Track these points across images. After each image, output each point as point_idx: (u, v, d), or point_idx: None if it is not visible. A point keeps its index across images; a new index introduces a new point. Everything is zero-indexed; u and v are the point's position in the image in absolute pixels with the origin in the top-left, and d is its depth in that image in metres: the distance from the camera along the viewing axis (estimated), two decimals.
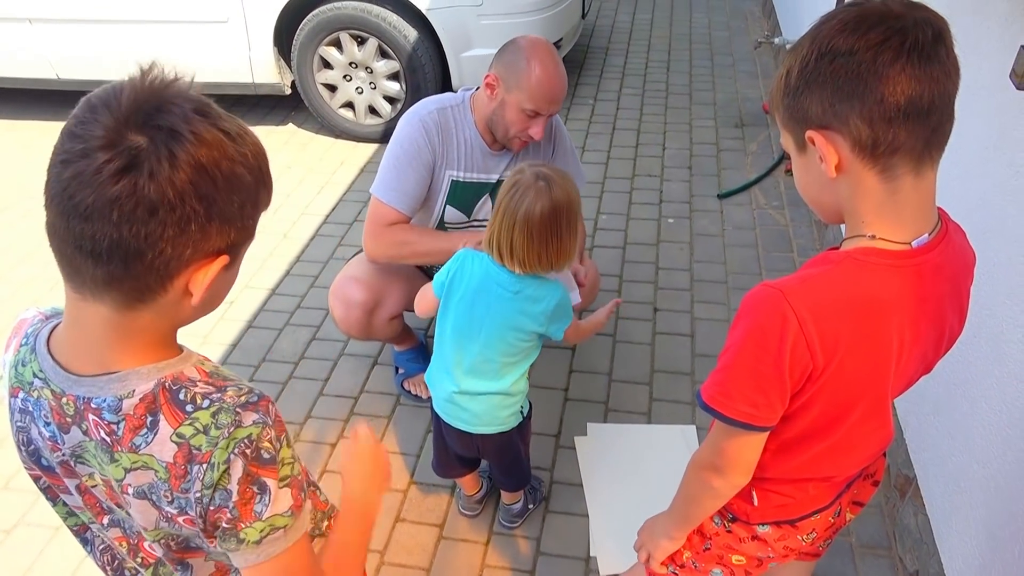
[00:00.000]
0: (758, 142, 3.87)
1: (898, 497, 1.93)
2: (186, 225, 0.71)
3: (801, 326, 0.86)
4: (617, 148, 3.88)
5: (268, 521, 0.79)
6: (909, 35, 0.79)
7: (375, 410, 2.37)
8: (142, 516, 0.82)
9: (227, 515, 0.78)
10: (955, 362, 1.70)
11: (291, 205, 3.46)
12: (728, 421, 0.94)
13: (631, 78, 4.68)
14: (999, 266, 1.54)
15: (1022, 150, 1.47)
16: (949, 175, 1.80)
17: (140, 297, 0.74)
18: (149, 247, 0.70)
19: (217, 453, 0.76)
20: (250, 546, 0.79)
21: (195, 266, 0.75)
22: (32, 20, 3.82)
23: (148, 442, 0.77)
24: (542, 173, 1.49)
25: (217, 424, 0.77)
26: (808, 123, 0.87)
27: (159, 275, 0.73)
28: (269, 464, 0.78)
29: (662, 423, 2.27)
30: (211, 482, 0.77)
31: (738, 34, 5.31)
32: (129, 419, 0.77)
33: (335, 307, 2.17)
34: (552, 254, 1.50)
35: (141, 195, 0.68)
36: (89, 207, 0.68)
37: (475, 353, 1.62)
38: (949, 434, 1.72)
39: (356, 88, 3.87)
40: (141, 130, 0.69)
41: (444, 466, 1.90)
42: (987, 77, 1.62)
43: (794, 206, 3.29)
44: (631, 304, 2.78)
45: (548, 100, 1.88)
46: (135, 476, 0.79)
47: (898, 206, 0.86)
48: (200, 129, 0.71)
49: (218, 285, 0.80)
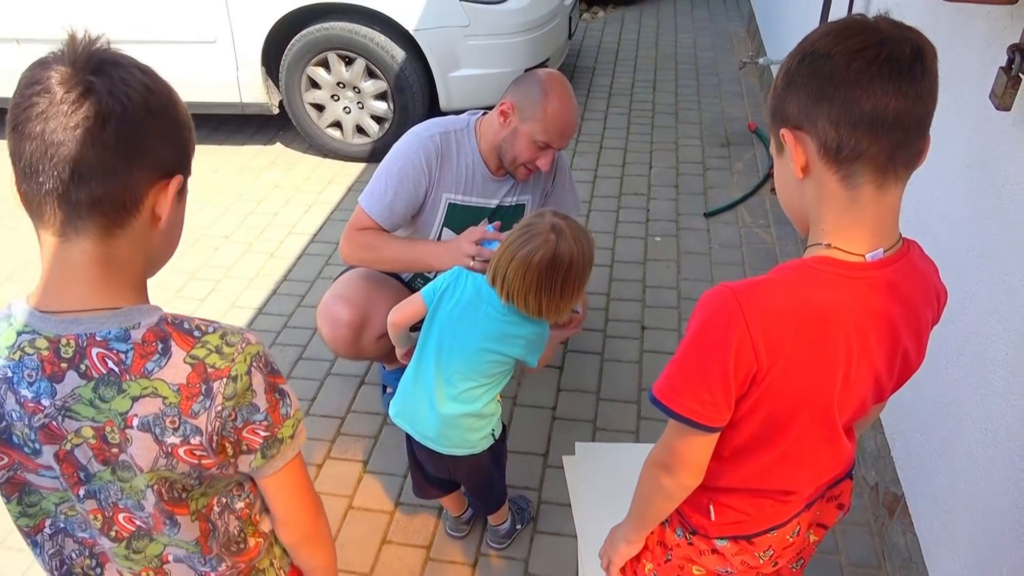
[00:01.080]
0: (744, 161, 3.90)
1: (887, 515, 1.93)
2: (145, 136, 0.81)
3: (748, 326, 0.87)
4: (604, 167, 3.90)
5: (294, 417, 0.92)
6: (887, 48, 0.81)
7: (362, 430, 2.35)
8: (142, 454, 0.85)
9: (263, 427, 0.88)
10: (940, 380, 1.71)
11: (278, 224, 3.45)
12: (674, 416, 0.95)
13: (618, 97, 4.72)
14: (982, 284, 1.55)
15: (1003, 169, 1.49)
16: (931, 194, 1.82)
17: (117, 220, 0.82)
18: (119, 159, 0.79)
19: (236, 367, 0.85)
20: (287, 443, 0.91)
21: (157, 186, 0.84)
22: (20, 41, 3.81)
23: (161, 366, 0.83)
24: (558, 225, 1.49)
25: (228, 343, 0.85)
26: (785, 122, 0.89)
27: (130, 192, 0.82)
28: (278, 373, 0.91)
29: (650, 442, 2.25)
30: (233, 393, 0.84)
31: (723, 54, 5.37)
32: (138, 347, 0.82)
33: (322, 326, 2.17)
34: (540, 303, 1.50)
35: (105, 111, 0.78)
36: (59, 134, 0.77)
37: (453, 370, 1.61)
38: (936, 452, 1.72)
39: (344, 108, 3.88)
40: (91, 72, 0.79)
41: (421, 487, 1.89)
42: (967, 98, 1.65)
43: (780, 224, 3.31)
44: (619, 322, 2.78)
45: (560, 134, 1.93)
46: (142, 405, 0.83)
47: (856, 216, 0.88)
48: (139, 65, 0.84)
49: (176, 217, 0.89)
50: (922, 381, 1.49)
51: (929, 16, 1.90)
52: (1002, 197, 1.48)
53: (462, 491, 1.95)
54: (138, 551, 0.94)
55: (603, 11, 6.43)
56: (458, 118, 2.08)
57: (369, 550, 1.98)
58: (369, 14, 3.62)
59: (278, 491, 0.97)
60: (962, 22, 1.70)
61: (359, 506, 2.11)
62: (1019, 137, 1.42)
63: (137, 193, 0.82)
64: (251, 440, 0.88)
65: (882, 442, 2.04)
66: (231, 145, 4.19)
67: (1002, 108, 1.38)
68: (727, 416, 0.95)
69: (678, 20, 6.17)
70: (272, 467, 0.92)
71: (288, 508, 1.00)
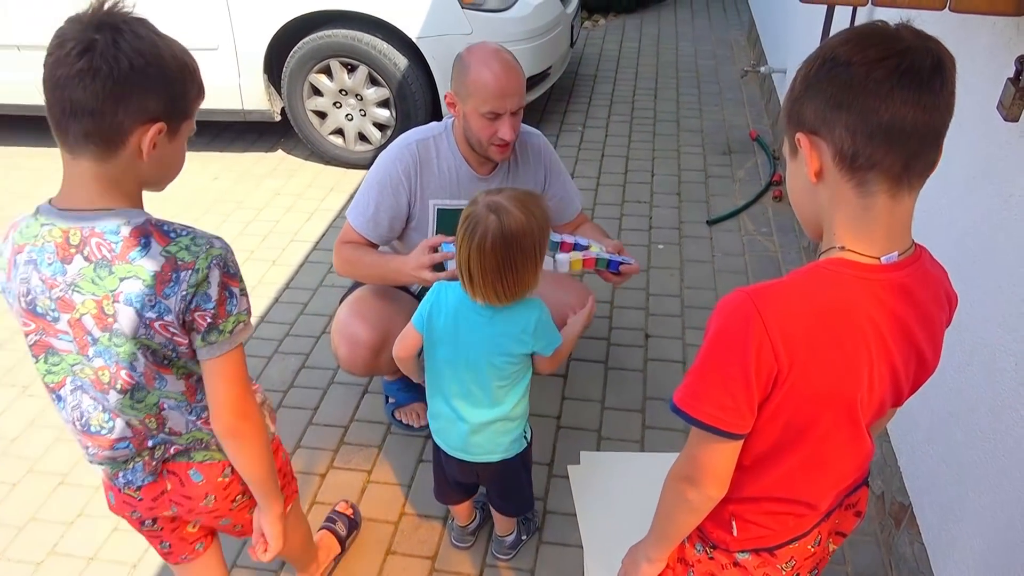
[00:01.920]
0: (745, 169, 3.90)
1: (893, 526, 1.92)
2: (128, 89, 1.02)
3: (766, 328, 0.87)
4: (606, 175, 3.90)
5: (236, 316, 1.13)
6: (907, 59, 0.81)
7: (365, 439, 2.34)
8: (128, 324, 1.10)
9: (209, 314, 1.10)
10: (948, 390, 1.70)
11: (280, 232, 3.45)
12: (696, 424, 0.94)
13: (619, 105, 4.73)
14: (989, 294, 1.55)
15: (1010, 180, 1.49)
16: (938, 204, 1.82)
17: (108, 148, 1.04)
18: (106, 104, 1.01)
19: (199, 262, 1.08)
20: (225, 335, 1.13)
21: (141, 128, 1.05)
22: (21, 47, 3.81)
23: (141, 256, 1.07)
24: (493, 203, 1.46)
25: (196, 244, 1.09)
26: (801, 126, 0.89)
27: (117, 129, 1.03)
28: (235, 277, 1.13)
29: (656, 451, 2.26)
30: (195, 282, 1.08)
31: (724, 63, 5.39)
32: (126, 240, 1.07)
33: (340, 346, 2.13)
34: (508, 286, 1.48)
35: (95, 67, 0.99)
36: (64, 79, 1.00)
37: (469, 380, 1.60)
38: (944, 462, 1.72)
39: (346, 115, 3.88)
40: (97, 30, 1.00)
41: (443, 493, 1.88)
42: (974, 108, 1.65)
43: (782, 232, 3.31)
44: (623, 331, 2.77)
45: (499, 96, 1.85)
46: (127, 284, 1.07)
47: (870, 223, 0.88)
48: (138, 30, 1.04)
49: (164, 152, 1.10)
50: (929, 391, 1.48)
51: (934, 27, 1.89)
52: (1010, 207, 1.48)
53: (473, 501, 1.95)
54: (139, 400, 1.18)
55: (604, 19, 6.45)
56: (437, 124, 2.07)
57: (374, 561, 1.97)
58: (372, 22, 3.62)
59: (210, 377, 1.17)
60: (968, 33, 1.70)
61: (363, 516, 2.10)
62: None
63: (121, 132, 1.04)
64: (199, 323, 1.11)
65: (888, 452, 2.04)
66: (232, 152, 4.18)
67: (1010, 119, 1.38)
68: (750, 422, 0.94)
69: (679, 28, 6.19)
70: (209, 353, 1.14)
71: (215, 396, 1.18)
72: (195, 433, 1.26)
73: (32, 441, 2.37)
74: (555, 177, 2.20)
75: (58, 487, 2.21)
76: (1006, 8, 1.35)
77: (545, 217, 1.51)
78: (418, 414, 2.36)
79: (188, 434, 1.26)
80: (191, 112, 1.14)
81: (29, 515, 2.13)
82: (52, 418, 2.45)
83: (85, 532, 2.07)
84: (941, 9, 1.40)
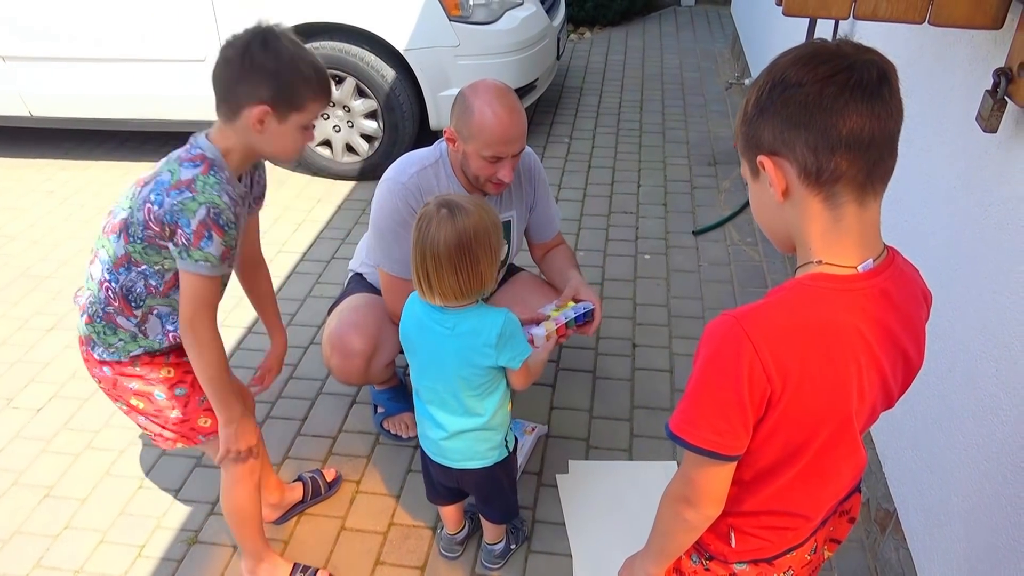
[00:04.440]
0: (731, 180, 3.94)
1: (879, 532, 1.94)
2: (239, 79, 1.41)
3: (756, 350, 0.89)
4: (593, 185, 3.93)
5: (206, 255, 1.41)
6: (855, 73, 0.84)
7: (354, 450, 2.34)
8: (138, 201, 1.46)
9: (184, 237, 1.40)
10: (930, 396, 1.73)
11: (267, 243, 3.42)
12: (694, 450, 0.95)
13: (605, 117, 4.76)
14: (971, 302, 1.57)
15: (989, 190, 1.52)
16: (919, 214, 1.85)
17: (228, 117, 1.44)
18: (228, 84, 1.42)
19: (199, 196, 1.39)
20: (190, 261, 1.42)
21: (249, 105, 1.41)
22: (5, 58, 3.80)
23: (183, 167, 1.43)
24: (444, 200, 1.48)
25: (209, 184, 1.41)
26: (760, 149, 0.91)
27: (233, 104, 1.42)
28: (221, 227, 1.41)
29: (643, 459, 2.27)
30: (187, 205, 1.39)
31: (709, 75, 5.44)
32: (191, 155, 1.45)
33: (332, 357, 2.12)
34: (466, 282, 1.48)
35: (231, 58, 1.40)
36: (218, 62, 1.42)
37: (441, 389, 1.62)
38: (928, 468, 1.74)
39: (334, 126, 3.88)
40: (241, 35, 1.42)
41: (433, 494, 1.90)
42: (953, 120, 1.68)
43: (767, 242, 3.34)
44: (610, 340, 2.79)
45: (503, 142, 1.86)
46: (159, 176, 1.44)
47: (842, 233, 0.91)
48: (269, 37, 1.40)
49: (275, 132, 1.45)
50: (912, 397, 1.51)
51: (914, 40, 1.94)
52: (990, 216, 1.51)
53: (464, 506, 1.95)
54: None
55: (590, 32, 6.50)
56: (429, 151, 2.04)
57: (363, 571, 1.97)
58: (360, 34, 3.64)
59: (180, 282, 1.47)
60: (947, 46, 1.74)
61: (352, 527, 2.09)
62: (1006, 158, 1.45)
63: (236, 107, 1.42)
64: (177, 238, 1.41)
65: (873, 458, 2.06)
66: None
67: (988, 130, 1.41)
68: (746, 443, 0.95)
69: (664, 41, 6.25)
70: (179, 265, 1.44)
71: (180, 300, 1.48)
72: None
73: (17, 453, 2.35)
74: (541, 195, 2.22)
75: (43, 500, 2.19)
76: (984, 22, 1.38)
77: (497, 219, 1.53)
78: (407, 424, 2.36)
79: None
80: (302, 103, 1.44)
81: (14, 528, 2.10)
82: (37, 430, 2.43)
83: (71, 545, 2.05)
84: (920, 23, 1.43)
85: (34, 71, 3.84)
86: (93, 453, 2.34)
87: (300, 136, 1.49)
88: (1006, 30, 1.39)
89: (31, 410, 2.52)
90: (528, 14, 3.98)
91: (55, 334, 2.89)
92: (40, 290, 3.16)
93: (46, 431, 2.43)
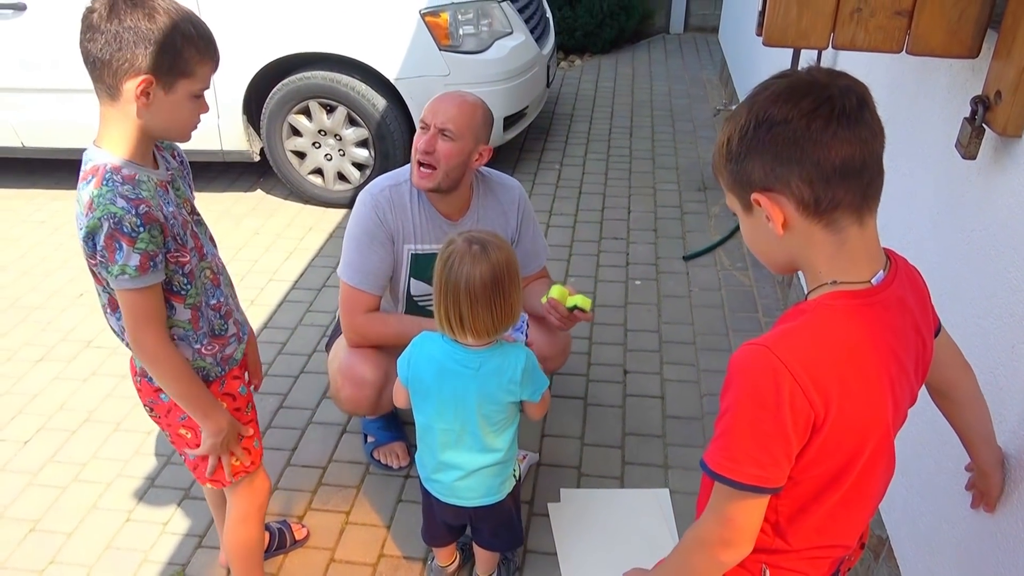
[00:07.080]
0: (720, 205, 3.97)
1: (872, 558, 1.93)
2: (115, 45, 1.24)
3: (795, 378, 0.88)
4: (584, 212, 3.95)
5: (123, 267, 1.31)
6: (837, 103, 0.86)
7: (344, 480, 2.32)
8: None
9: (101, 255, 1.31)
10: (920, 421, 1.72)
11: (258, 271, 3.44)
12: (737, 486, 0.93)
13: (595, 143, 4.80)
14: (955, 327, 1.57)
15: (970, 216, 1.53)
16: (904, 239, 1.86)
17: (109, 93, 1.29)
18: (99, 58, 1.25)
19: (96, 212, 1.29)
20: (111, 278, 1.33)
21: (129, 78, 1.26)
22: None
23: (82, 189, 1.33)
24: (474, 237, 1.49)
25: (102, 196, 1.29)
26: (752, 186, 0.92)
27: (110, 81, 1.27)
28: (127, 235, 1.29)
29: (635, 487, 2.25)
30: (94, 225, 1.29)
31: (698, 101, 5.50)
32: (84, 173, 1.34)
33: (344, 387, 2.11)
34: (500, 316, 1.49)
35: (96, 25, 1.24)
36: (82, 34, 1.26)
37: (459, 430, 1.60)
38: (918, 494, 1.73)
39: (325, 155, 3.91)
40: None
41: (433, 536, 1.88)
42: (934, 147, 1.70)
43: (758, 267, 3.36)
44: (601, 367, 2.78)
45: (430, 110, 1.94)
46: (77, 206, 1.35)
47: (850, 254, 0.93)
48: (156, 4, 1.26)
49: (164, 104, 1.31)
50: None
51: (894, 68, 1.97)
52: (972, 243, 1.52)
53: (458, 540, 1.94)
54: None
55: (580, 60, 6.58)
56: (404, 169, 2.07)
57: None
58: (351, 63, 3.67)
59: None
60: (926, 75, 1.77)
61: (341, 558, 2.07)
62: (986, 185, 1.47)
63: (114, 84, 1.27)
64: (96, 260, 1.33)
65: None
66: (211, 192, 4.19)
67: (968, 157, 1.43)
68: (787, 473, 0.94)
69: (653, 68, 6.33)
70: (112, 284, 1.35)
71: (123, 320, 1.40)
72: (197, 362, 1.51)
73: (2, 487, 2.32)
74: (527, 228, 2.22)
75: (29, 534, 2.16)
76: (960, 51, 1.41)
77: (511, 247, 1.55)
78: (397, 454, 2.34)
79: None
80: (190, 69, 1.31)
81: None
82: (23, 463, 2.40)
83: None
84: (898, 52, 1.45)
85: (25, 102, 3.86)
86: (80, 486, 2.32)
87: (193, 106, 1.35)
88: (982, 59, 1.41)
89: (18, 442, 2.49)
90: (517, 43, 4.03)
91: (44, 365, 2.87)
92: (29, 321, 3.15)
93: (32, 464, 2.41)
